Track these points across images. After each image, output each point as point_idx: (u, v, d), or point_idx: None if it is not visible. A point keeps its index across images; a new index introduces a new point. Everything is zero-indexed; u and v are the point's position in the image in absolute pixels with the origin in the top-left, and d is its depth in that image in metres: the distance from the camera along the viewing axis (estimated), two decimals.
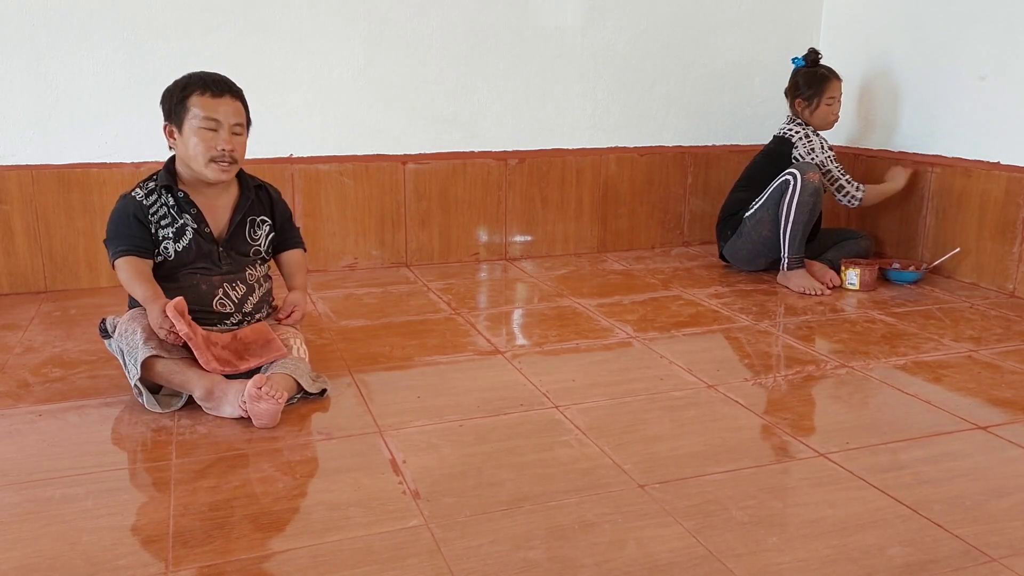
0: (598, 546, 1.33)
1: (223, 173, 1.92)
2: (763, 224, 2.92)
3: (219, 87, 1.90)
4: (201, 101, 1.88)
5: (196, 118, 1.88)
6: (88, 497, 1.48)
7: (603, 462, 1.61)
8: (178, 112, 1.90)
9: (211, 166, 1.90)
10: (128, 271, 1.87)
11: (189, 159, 1.91)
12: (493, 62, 3.15)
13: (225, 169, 1.91)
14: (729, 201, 3.10)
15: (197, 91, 1.89)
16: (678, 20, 3.35)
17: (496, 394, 1.95)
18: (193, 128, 1.88)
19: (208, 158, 1.89)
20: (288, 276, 2.13)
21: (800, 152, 2.96)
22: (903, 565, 1.28)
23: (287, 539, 1.35)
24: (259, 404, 1.72)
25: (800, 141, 2.98)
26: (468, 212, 3.23)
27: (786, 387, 2.01)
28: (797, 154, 2.97)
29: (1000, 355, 2.23)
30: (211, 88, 1.89)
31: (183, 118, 1.89)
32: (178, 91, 1.91)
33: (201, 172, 1.91)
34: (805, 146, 2.96)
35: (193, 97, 1.88)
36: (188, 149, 1.90)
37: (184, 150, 1.91)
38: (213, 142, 1.88)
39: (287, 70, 2.91)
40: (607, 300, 2.74)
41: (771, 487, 1.53)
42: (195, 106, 1.88)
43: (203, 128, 1.88)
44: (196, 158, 1.89)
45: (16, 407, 1.87)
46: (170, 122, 1.92)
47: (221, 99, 1.90)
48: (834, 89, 3.01)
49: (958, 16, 2.95)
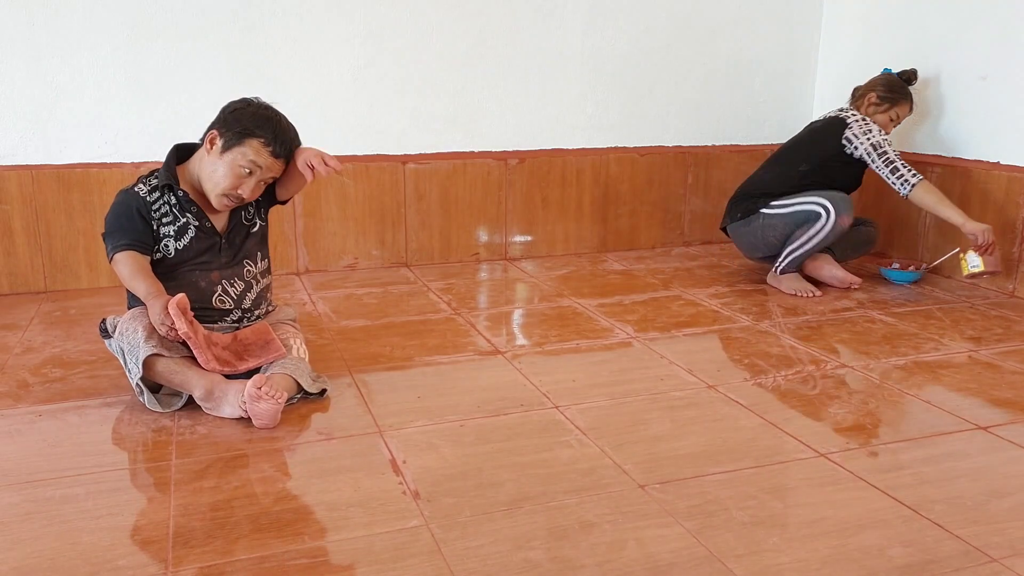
0: (598, 546, 1.33)
1: (223, 208, 1.94)
2: (775, 231, 2.83)
3: (284, 149, 1.89)
4: (259, 149, 1.87)
5: (243, 158, 1.87)
6: (88, 497, 1.48)
7: (603, 462, 1.61)
8: (234, 136, 1.87)
9: (222, 199, 1.90)
10: (130, 266, 1.86)
11: (206, 176, 1.91)
12: (493, 62, 3.15)
13: (228, 206, 1.93)
14: (754, 179, 2.97)
15: (264, 140, 1.87)
16: (678, 20, 3.35)
17: (496, 394, 1.95)
18: (233, 162, 1.87)
19: (223, 191, 1.89)
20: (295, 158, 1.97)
21: (854, 131, 2.79)
22: (903, 565, 1.28)
23: (287, 539, 1.35)
24: (259, 404, 1.72)
25: (856, 122, 2.80)
26: (468, 212, 3.23)
27: (786, 387, 2.01)
28: (851, 134, 2.79)
29: (1000, 355, 2.23)
30: (275, 146, 1.88)
31: (233, 145, 1.87)
32: (248, 120, 1.87)
33: (210, 193, 1.91)
34: (861, 126, 2.79)
35: (256, 141, 1.87)
36: (215, 171, 1.89)
37: (212, 168, 1.90)
38: (240, 182, 1.88)
39: (287, 70, 2.91)
40: (607, 300, 2.74)
41: (771, 487, 1.53)
42: (250, 148, 1.86)
43: (242, 168, 1.87)
44: (216, 184, 1.89)
45: (16, 407, 1.87)
46: (221, 135, 1.88)
47: (278, 160, 1.90)
48: (905, 110, 2.91)
49: (958, 16, 2.95)
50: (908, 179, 2.73)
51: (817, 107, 3.63)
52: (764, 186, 2.90)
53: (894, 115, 2.89)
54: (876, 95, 2.88)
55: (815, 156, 2.85)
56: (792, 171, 2.86)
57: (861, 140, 2.78)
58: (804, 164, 2.85)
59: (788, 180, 2.85)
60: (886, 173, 2.76)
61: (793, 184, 2.83)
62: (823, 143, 2.85)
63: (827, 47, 3.56)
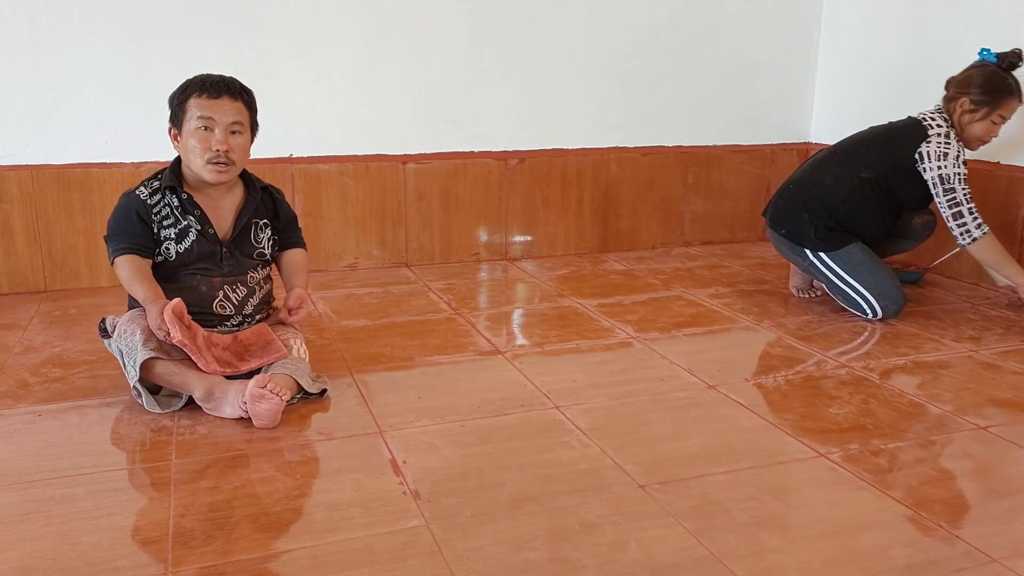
0: (599, 547, 1.33)
1: (220, 174, 1.91)
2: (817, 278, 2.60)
3: (216, 88, 1.90)
4: (198, 103, 1.89)
5: (193, 119, 1.88)
6: (88, 497, 1.47)
7: (604, 463, 1.61)
8: (178, 114, 1.91)
9: (208, 167, 1.89)
10: (129, 269, 1.86)
11: (189, 161, 1.92)
12: (493, 62, 3.15)
13: (222, 170, 1.90)
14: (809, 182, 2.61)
15: (195, 93, 1.89)
16: (680, 20, 3.35)
17: (497, 394, 1.95)
18: (190, 129, 1.89)
19: (205, 159, 1.88)
20: (288, 276, 2.12)
21: (931, 149, 2.44)
22: (904, 566, 1.28)
23: (287, 540, 1.35)
24: (260, 404, 1.72)
25: (936, 138, 2.45)
26: (469, 212, 3.23)
27: (787, 387, 2.01)
28: (926, 150, 2.44)
29: (1000, 355, 2.23)
30: (208, 89, 1.89)
31: (182, 120, 1.90)
32: (179, 94, 1.92)
33: (200, 173, 1.91)
34: (938, 148, 2.43)
35: (191, 99, 1.89)
36: (188, 151, 1.91)
37: (185, 152, 1.92)
38: (207, 142, 1.88)
39: (287, 70, 2.91)
40: (608, 300, 2.74)
41: (772, 488, 1.53)
42: (192, 107, 1.89)
43: (198, 128, 1.88)
44: (194, 159, 1.90)
45: (16, 407, 1.87)
46: (173, 124, 1.93)
47: (218, 100, 1.89)
48: (1012, 106, 2.48)
49: (958, 16, 2.95)
50: (971, 230, 2.43)
51: (817, 107, 3.63)
52: (821, 198, 2.55)
53: (996, 118, 2.48)
54: (970, 99, 2.47)
55: (882, 163, 2.51)
56: (853, 177, 2.52)
57: (932, 164, 2.44)
58: (868, 171, 2.51)
59: (845, 187, 2.52)
60: (948, 215, 2.44)
61: (854, 194, 2.51)
62: (896, 150, 2.50)
63: (827, 47, 3.56)
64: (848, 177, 2.53)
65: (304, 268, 2.14)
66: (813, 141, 3.66)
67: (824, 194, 2.55)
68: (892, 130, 2.56)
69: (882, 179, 2.51)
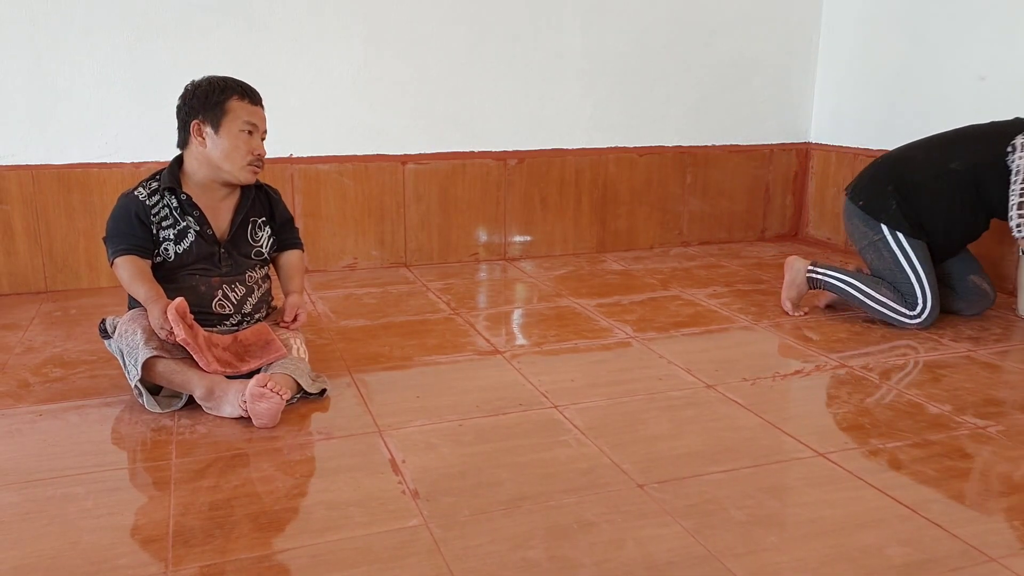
0: (597, 546, 1.33)
1: (254, 175, 1.97)
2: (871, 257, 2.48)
3: (255, 96, 1.97)
4: (242, 106, 1.92)
5: (238, 120, 1.91)
6: (88, 497, 1.48)
7: (602, 462, 1.62)
8: (215, 112, 1.91)
9: (247, 168, 1.94)
10: (129, 270, 1.87)
11: (223, 159, 1.92)
12: (493, 62, 3.15)
13: (256, 171, 1.97)
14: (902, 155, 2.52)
15: (237, 95, 1.92)
16: (678, 20, 3.36)
17: (495, 394, 1.95)
18: (234, 131, 1.91)
19: (247, 161, 1.93)
20: (285, 278, 2.12)
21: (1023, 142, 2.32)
22: (902, 565, 1.29)
23: (287, 539, 1.35)
24: (260, 403, 1.72)
25: None
26: (468, 212, 3.23)
27: (785, 387, 2.02)
28: (1020, 142, 2.32)
29: (999, 355, 2.23)
30: (250, 95, 1.95)
31: (220, 119, 1.90)
32: (216, 92, 1.92)
33: (234, 173, 1.93)
34: None
35: (233, 101, 1.91)
36: (223, 150, 1.91)
37: (218, 150, 1.92)
38: (250, 145, 1.93)
39: (287, 70, 2.91)
40: (606, 300, 2.75)
41: (770, 487, 1.53)
42: (236, 109, 1.91)
43: (243, 131, 1.92)
44: (234, 159, 1.92)
45: (16, 407, 1.87)
46: (204, 120, 1.91)
47: (257, 107, 1.96)
48: None
49: (958, 16, 2.96)
50: None
51: (817, 107, 3.64)
52: (909, 172, 2.46)
53: None
54: None
55: (975, 156, 2.40)
56: (944, 164, 2.43)
57: (1020, 154, 2.31)
58: (958, 162, 2.41)
59: (933, 170, 2.43)
60: (1015, 203, 2.30)
61: (939, 183, 2.42)
62: (992, 141, 2.39)
63: (827, 47, 3.56)
64: (939, 162, 2.44)
65: (299, 270, 2.14)
66: (813, 141, 3.67)
67: (912, 171, 2.46)
68: (995, 125, 2.47)
69: (971, 172, 2.40)
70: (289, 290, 2.10)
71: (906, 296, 2.43)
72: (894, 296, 2.44)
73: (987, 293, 2.56)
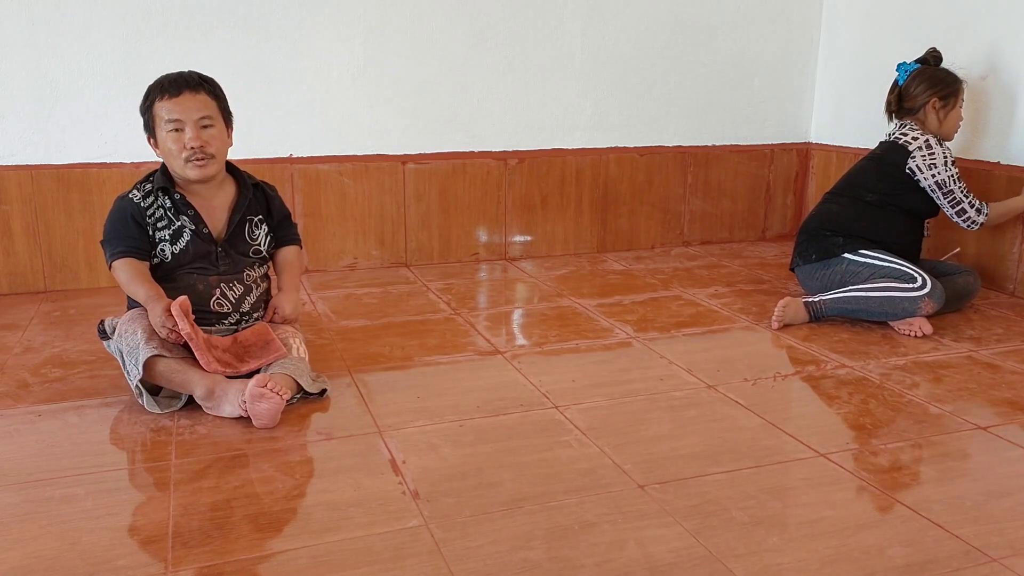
0: (598, 546, 1.33)
1: (202, 169, 1.91)
2: (858, 277, 2.50)
3: (175, 85, 1.90)
4: (162, 105, 1.90)
5: (162, 123, 1.90)
6: (88, 497, 1.48)
7: (603, 462, 1.61)
8: (149, 122, 1.93)
9: (188, 166, 1.90)
10: (127, 272, 1.87)
11: (171, 165, 1.93)
12: (493, 62, 3.15)
13: (202, 165, 1.91)
14: (819, 213, 2.67)
15: (157, 97, 1.91)
16: (678, 20, 3.35)
17: (496, 394, 1.95)
18: (163, 134, 1.90)
19: (183, 159, 1.90)
20: (279, 273, 2.11)
21: (918, 164, 2.53)
22: (903, 565, 1.28)
23: (287, 539, 1.35)
24: (260, 404, 1.72)
25: (919, 151, 2.53)
26: (468, 212, 3.23)
27: (786, 387, 2.01)
28: (914, 165, 2.53)
29: (1000, 355, 2.23)
30: (168, 89, 1.90)
31: (153, 126, 1.92)
32: (145, 100, 1.93)
33: (182, 174, 1.92)
34: (926, 158, 2.52)
35: (156, 104, 1.90)
36: (164, 154, 1.93)
37: (165, 157, 1.94)
38: (180, 142, 1.89)
39: (287, 70, 2.91)
40: (607, 300, 2.74)
41: (771, 487, 1.53)
42: (159, 111, 1.90)
43: (170, 131, 1.89)
44: (174, 162, 1.91)
45: (16, 407, 1.87)
46: (148, 133, 1.95)
47: (179, 97, 1.89)
48: (963, 91, 2.65)
49: (958, 16, 2.95)
50: (975, 219, 2.58)
51: (817, 107, 3.63)
52: (831, 219, 2.62)
53: (960, 103, 2.64)
54: (937, 98, 2.58)
55: (882, 187, 2.59)
56: (858, 201, 2.61)
57: (925, 175, 2.54)
58: (871, 194, 2.59)
59: (858, 209, 2.60)
60: (952, 213, 2.59)
61: (866, 212, 2.58)
62: (888, 172, 2.59)
63: (827, 47, 3.56)
64: (855, 201, 2.61)
65: (293, 266, 2.12)
66: (813, 141, 3.66)
67: (838, 218, 2.61)
68: (875, 159, 2.66)
69: (887, 198, 2.59)
70: (281, 286, 2.09)
71: (902, 277, 2.45)
72: (893, 280, 2.44)
73: (966, 268, 2.69)
